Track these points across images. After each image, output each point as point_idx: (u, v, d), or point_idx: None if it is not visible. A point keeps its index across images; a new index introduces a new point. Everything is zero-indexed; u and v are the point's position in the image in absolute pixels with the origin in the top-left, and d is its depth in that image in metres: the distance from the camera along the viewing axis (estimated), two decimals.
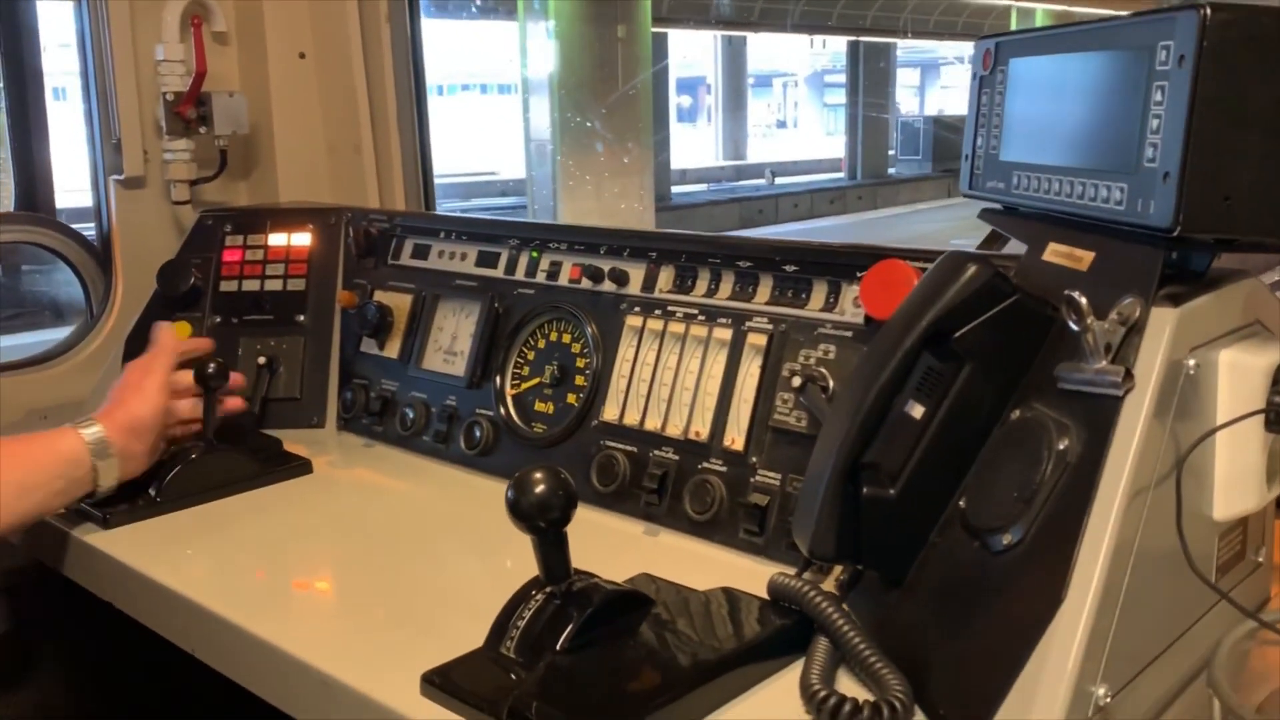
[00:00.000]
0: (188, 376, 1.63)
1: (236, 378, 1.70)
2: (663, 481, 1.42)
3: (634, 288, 1.55)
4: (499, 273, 1.73)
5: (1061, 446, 0.97)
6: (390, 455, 1.76)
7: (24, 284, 2.37)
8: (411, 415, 1.75)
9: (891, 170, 28.34)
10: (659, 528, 1.42)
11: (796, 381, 1.29)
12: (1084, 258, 1.09)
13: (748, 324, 1.41)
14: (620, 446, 1.49)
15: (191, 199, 2.13)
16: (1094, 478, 0.92)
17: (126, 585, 1.39)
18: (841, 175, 28.10)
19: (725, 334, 1.42)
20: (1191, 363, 0.96)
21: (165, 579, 1.33)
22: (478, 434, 1.65)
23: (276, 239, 1.97)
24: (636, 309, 1.53)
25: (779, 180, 27.18)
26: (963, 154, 1.31)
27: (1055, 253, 1.14)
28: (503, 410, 1.64)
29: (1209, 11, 0.89)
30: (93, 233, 2.18)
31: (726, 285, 1.46)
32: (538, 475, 1.06)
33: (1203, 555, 1.02)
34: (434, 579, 1.34)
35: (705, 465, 1.39)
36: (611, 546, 1.38)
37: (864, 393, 1.09)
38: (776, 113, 40.14)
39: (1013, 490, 1.00)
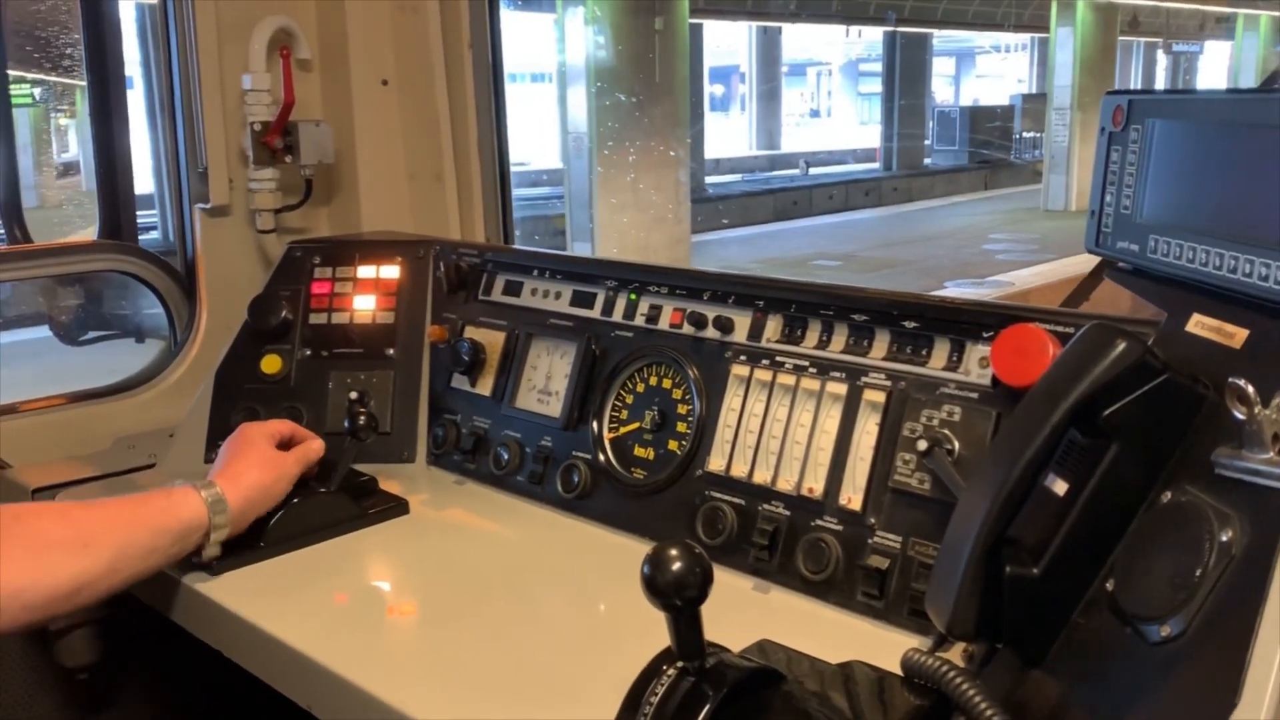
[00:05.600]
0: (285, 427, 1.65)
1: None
2: (773, 537, 1.40)
3: (739, 336, 1.53)
4: (595, 313, 1.71)
5: (1225, 538, 0.94)
6: (484, 494, 1.76)
7: (106, 306, 2.39)
8: (505, 455, 1.74)
9: (927, 161, 28.09)
10: (770, 585, 1.40)
11: (922, 445, 1.26)
12: (1236, 334, 1.06)
13: (864, 379, 1.38)
14: (727, 498, 1.47)
15: (275, 227, 2.13)
16: (1265, 575, 0.89)
17: (239, 636, 1.39)
18: (876, 165, 27.89)
19: (839, 389, 1.40)
20: None
21: (280, 633, 1.33)
22: (575, 478, 1.64)
23: (365, 271, 1.96)
24: (743, 358, 1.51)
25: (813, 170, 27.03)
26: (1089, 209, 1.28)
27: (1202, 325, 1.11)
28: (601, 455, 1.63)
29: None
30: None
31: (839, 338, 1.44)
32: (674, 552, 1.04)
33: None
34: (549, 636, 1.33)
35: (819, 523, 1.38)
36: (721, 603, 1.34)
37: (1008, 468, 1.06)
38: (810, 101, 39.87)
39: (1168, 578, 0.98)
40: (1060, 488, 1.09)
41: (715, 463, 1.50)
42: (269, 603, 1.41)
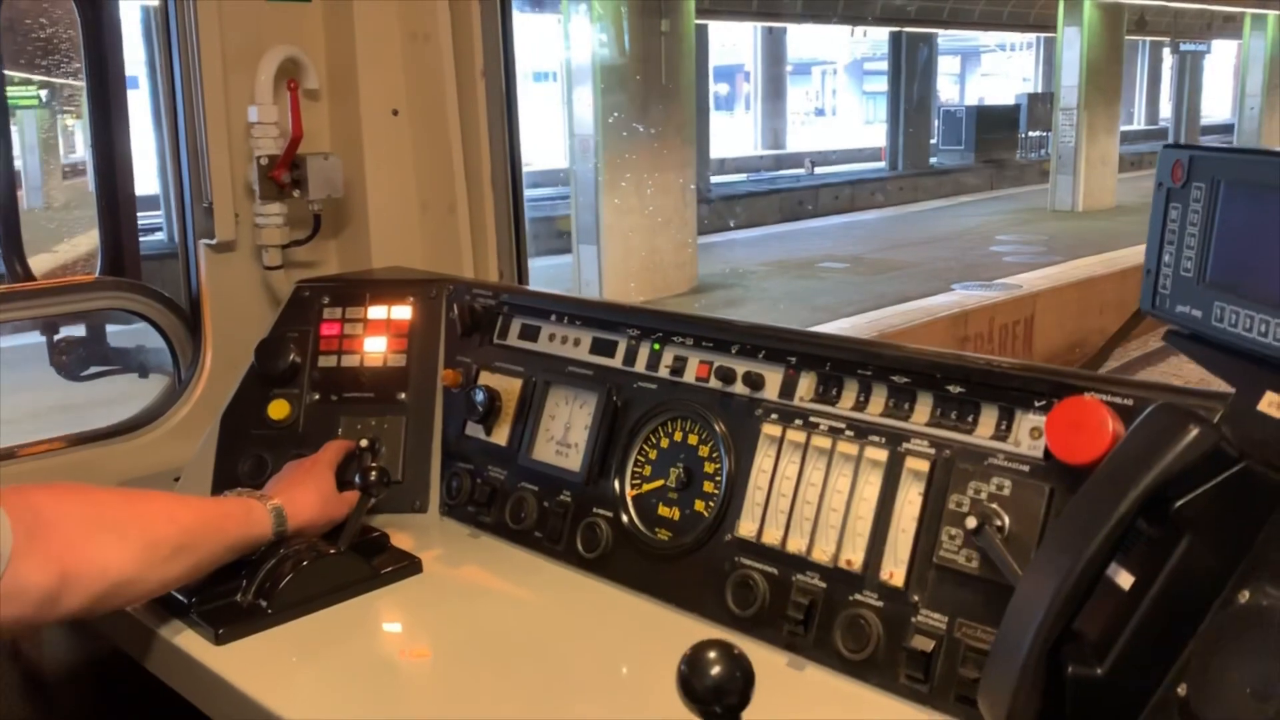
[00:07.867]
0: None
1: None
2: (809, 611, 1.33)
3: (770, 393, 1.46)
4: (617, 363, 1.64)
5: None
6: (500, 550, 1.68)
7: (108, 341, 2.32)
8: (522, 509, 1.67)
9: (933, 160, 27.98)
10: (805, 661, 1.33)
11: (971, 521, 1.19)
12: None
13: (905, 445, 1.31)
14: (758, 567, 1.40)
15: (283, 263, 2.06)
16: None
17: (245, 713, 1.32)
18: (882, 165, 27.78)
19: (879, 454, 1.32)
20: None
21: (288, 710, 1.26)
22: (596, 537, 1.57)
23: (376, 311, 1.89)
24: (774, 416, 1.44)
25: (818, 170, 26.95)
26: (1145, 268, 1.21)
27: (1277, 406, 1.03)
28: (624, 515, 1.56)
29: None
30: None
31: (878, 400, 1.36)
32: (713, 654, 0.98)
33: None
34: (573, 711, 1.26)
35: (858, 598, 1.30)
36: (756, 679, 1.29)
37: (1072, 560, 0.99)
38: (815, 100, 39.79)
39: (1249, 687, 0.91)
40: (1125, 580, 1.02)
41: (746, 527, 1.42)
42: (276, 676, 1.35)
